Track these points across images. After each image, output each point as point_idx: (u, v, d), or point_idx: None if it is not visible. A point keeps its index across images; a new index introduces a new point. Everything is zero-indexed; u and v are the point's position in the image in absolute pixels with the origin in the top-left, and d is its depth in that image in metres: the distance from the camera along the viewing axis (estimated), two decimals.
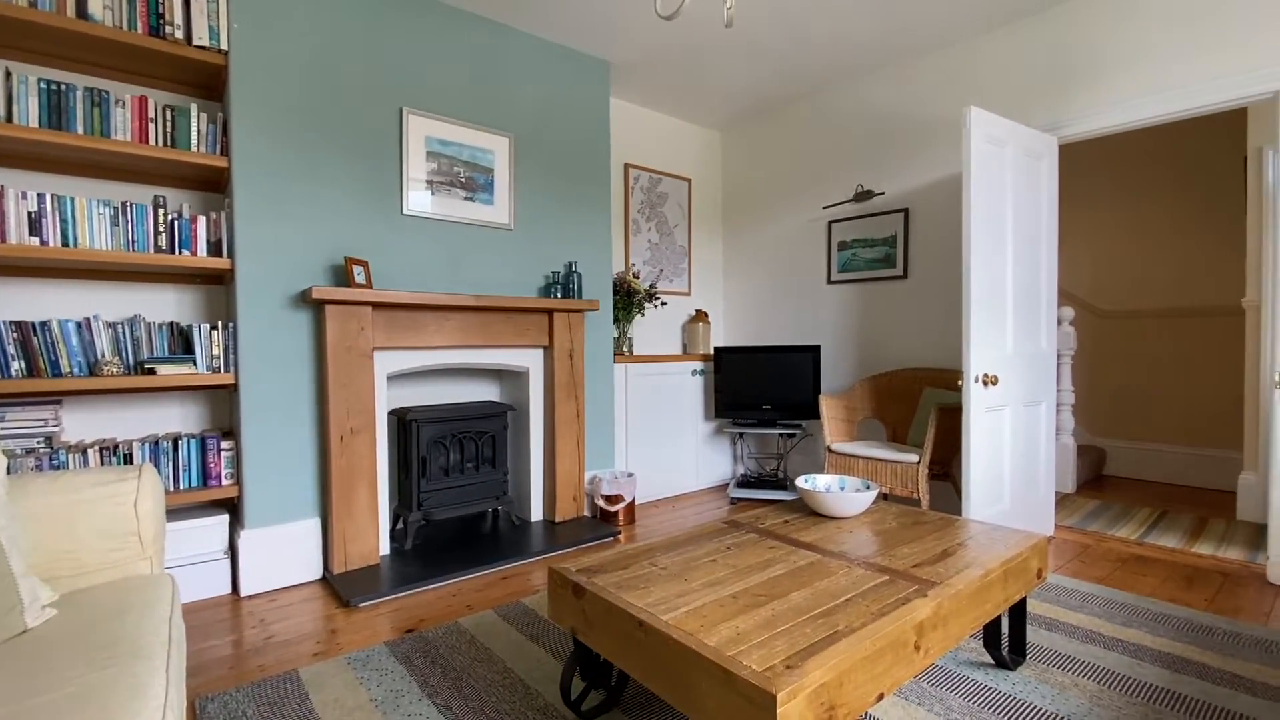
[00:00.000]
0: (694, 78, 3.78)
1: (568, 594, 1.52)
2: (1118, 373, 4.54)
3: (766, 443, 4.42)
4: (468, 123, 3.04)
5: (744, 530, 1.90)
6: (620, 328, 3.89)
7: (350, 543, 2.59)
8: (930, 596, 1.39)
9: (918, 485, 2.98)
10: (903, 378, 3.52)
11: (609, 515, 3.31)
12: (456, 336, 2.91)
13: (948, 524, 1.96)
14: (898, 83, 3.65)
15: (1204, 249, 4.18)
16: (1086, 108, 2.94)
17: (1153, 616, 2.17)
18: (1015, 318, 2.88)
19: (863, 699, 1.17)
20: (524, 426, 3.30)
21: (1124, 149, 4.50)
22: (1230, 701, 1.65)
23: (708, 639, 1.20)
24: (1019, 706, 1.64)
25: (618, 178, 4.08)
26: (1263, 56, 2.49)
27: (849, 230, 3.89)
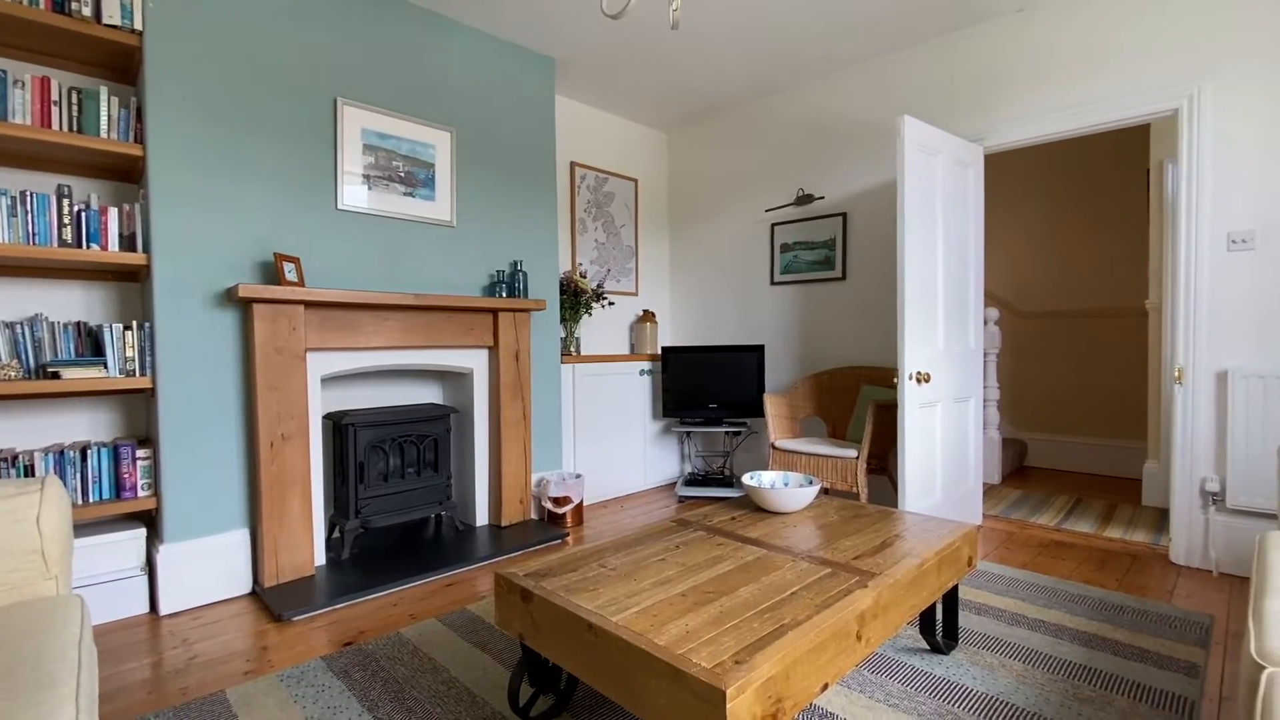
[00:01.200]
0: (640, 78, 3.80)
1: (515, 599, 1.50)
2: (1037, 370, 4.84)
3: (713, 441, 4.48)
4: (407, 116, 2.94)
5: (692, 528, 1.92)
6: (567, 328, 3.86)
7: (282, 554, 2.46)
8: (871, 587, 1.44)
9: (857, 479, 3.08)
10: (842, 376, 3.64)
11: (557, 517, 3.27)
12: (396, 337, 2.82)
13: (885, 516, 2.03)
14: (837, 90, 3.77)
15: (1113, 254, 4.50)
16: (1009, 120, 3.12)
17: (1070, 597, 2.31)
18: (946, 318, 3.02)
19: (808, 690, 1.20)
20: (468, 429, 3.22)
21: (1043, 159, 4.80)
22: (1140, 675, 1.78)
23: (658, 638, 1.20)
24: (952, 689, 1.72)
25: (564, 176, 4.05)
26: (1163, 77, 2.70)
27: (791, 233, 3.99)
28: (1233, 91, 2.55)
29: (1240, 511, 2.56)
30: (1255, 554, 1.61)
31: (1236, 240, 2.56)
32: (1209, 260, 2.63)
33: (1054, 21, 2.97)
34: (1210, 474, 2.64)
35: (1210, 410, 2.64)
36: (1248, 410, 2.51)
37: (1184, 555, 2.69)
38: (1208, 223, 2.62)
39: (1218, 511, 2.61)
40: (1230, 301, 2.58)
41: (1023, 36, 3.06)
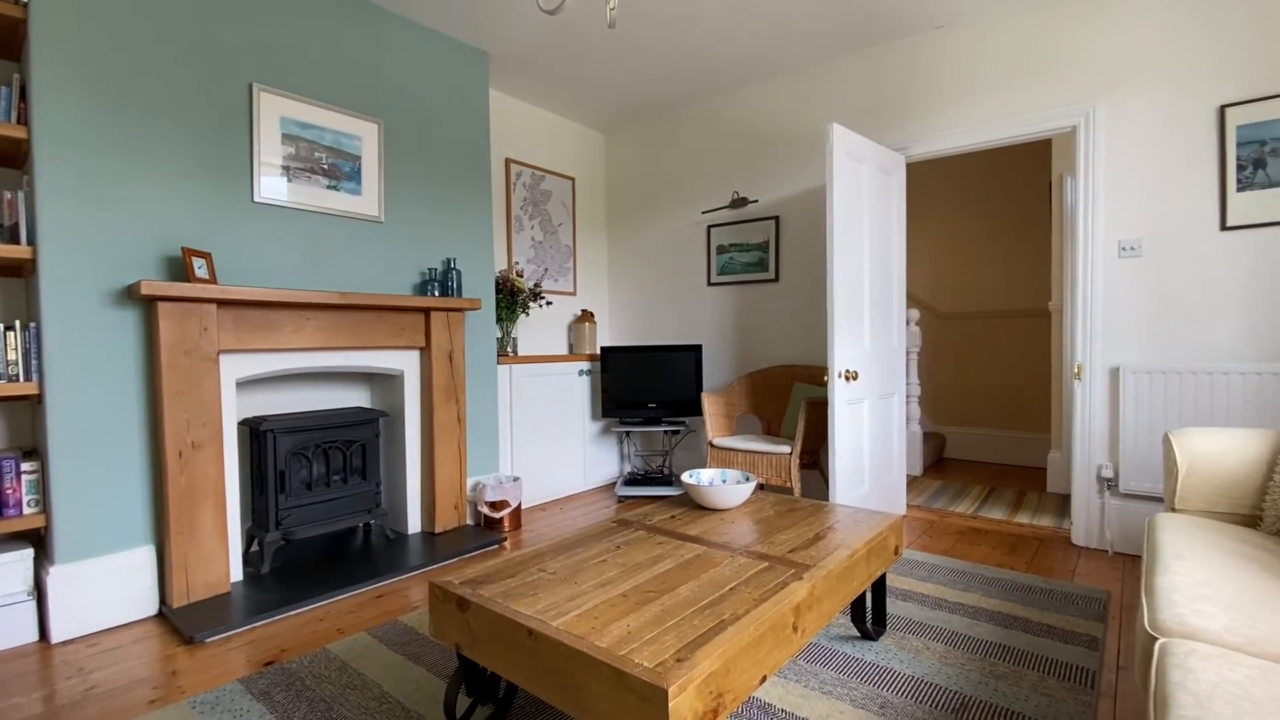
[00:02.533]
0: (578, 77, 3.77)
1: (451, 608, 1.45)
2: (954, 367, 5.14)
3: (652, 440, 4.50)
4: (331, 105, 2.80)
5: (633, 528, 1.92)
6: (504, 328, 3.78)
7: (194, 571, 2.29)
8: (806, 579, 1.48)
9: (790, 474, 3.17)
10: (776, 374, 3.74)
11: (494, 522, 3.20)
12: (319, 337, 2.68)
13: (818, 509, 2.10)
14: (770, 96, 3.87)
15: (1021, 259, 4.84)
16: (927, 131, 3.29)
17: (986, 581, 2.46)
18: (871, 318, 3.16)
19: (748, 683, 1.22)
20: (399, 433, 3.10)
21: (960, 169, 5.10)
22: (1047, 650, 1.92)
23: (599, 640, 1.19)
24: (882, 673, 1.79)
25: (499, 173, 3.97)
26: (1063, 97, 2.92)
27: (726, 235, 4.07)
28: (1122, 111, 2.79)
29: (1132, 495, 2.80)
30: (1145, 534, 1.76)
31: (1126, 248, 2.80)
32: (1103, 266, 2.86)
33: (969, 41, 3.16)
34: (1105, 462, 2.87)
35: (1105, 403, 2.87)
36: (1137, 403, 2.75)
37: (1083, 537, 2.92)
38: (1101, 231, 2.86)
39: (1112, 496, 2.85)
40: (1121, 303, 2.82)
41: (942, 53, 3.24)
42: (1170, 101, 2.68)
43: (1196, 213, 2.64)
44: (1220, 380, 2.56)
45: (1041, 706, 1.62)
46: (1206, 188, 2.62)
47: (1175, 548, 1.52)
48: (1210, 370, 2.58)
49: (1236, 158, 2.55)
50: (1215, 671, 0.99)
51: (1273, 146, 2.48)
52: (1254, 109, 2.51)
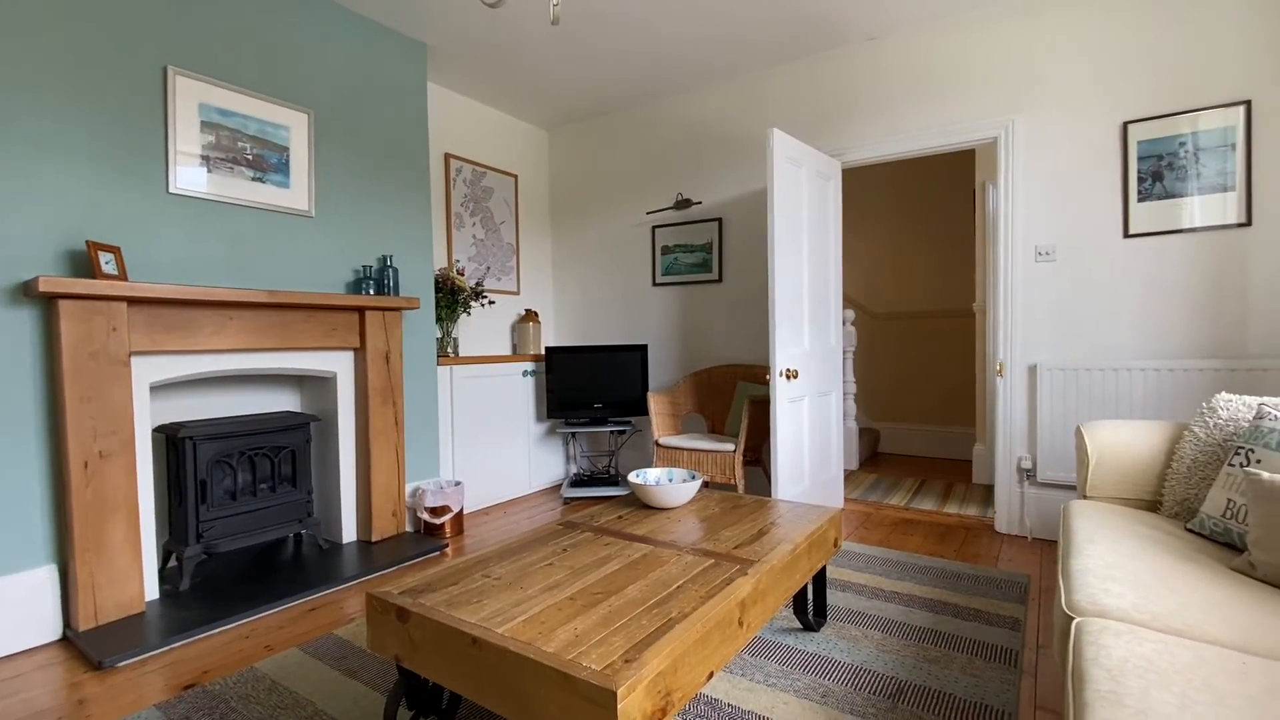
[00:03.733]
0: (521, 73, 3.71)
1: (390, 619, 1.39)
2: (887, 365, 5.36)
3: (599, 440, 4.48)
4: (256, 93, 2.65)
5: (580, 529, 1.90)
6: (444, 328, 3.68)
7: (103, 590, 2.12)
8: (751, 575, 1.51)
9: (735, 472, 3.23)
10: (720, 374, 3.80)
11: (434, 528, 3.11)
12: (244, 338, 2.53)
13: (761, 505, 2.14)
14: (714, 100, 3.92)
15: (949, 262, 5.09)
16: (862, 138, 3.41)
17: (919, 569, 2.58)
18: (811, 319, 3.25)
19: (696, 680, 1.23)
20: (331, 438, 2.97)
21: (893, 175, 5.32)
22: (975, 633, 2.02)
23: (546, 645, 1.17)
24: (823, 663, 1.85)
25: (438, 168, 3.85)
26: (986, 109, 3.09)
27: (671, 236, 4.10)
28: (1039, 125, 2.98)
29: (1048, 484, 2.99)
30: (1061, 521, 1.88)
31: (1042, 253, 2.99)
32: (1021, 269, 3.04)
33: (899, 53, 3.29)
34: (1025, 453, 3.06)
35: (1024, 399, 3.06)
36: (1052, 398, 2.94)
37: (1005, 524, 3.10)
38: (1020, 237, 3.04)
39: (1031, 486, 3.03)
40: (1038, 305, 3.01)
41: (875, 64, 3.37)
42: (1080, 117, 2.88)
43: (1103, 221, 2.85)
44: (1125, 376, 2.77)
45: (970, 687, 1.70)
46: (1112, 198, 2.83)
47: (1087, 532, 1.63)
48: (1116, 367, 2.79)
49: (1137, 171, 2.76)
50: (1125, 647, 1.07)
51: (1168, 161, 2.70)
52: (1152, 126, 2.72)
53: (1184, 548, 1.54)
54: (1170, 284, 2.72)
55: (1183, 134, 2.67)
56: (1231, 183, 2.59)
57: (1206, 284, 2.66)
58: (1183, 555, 1.48)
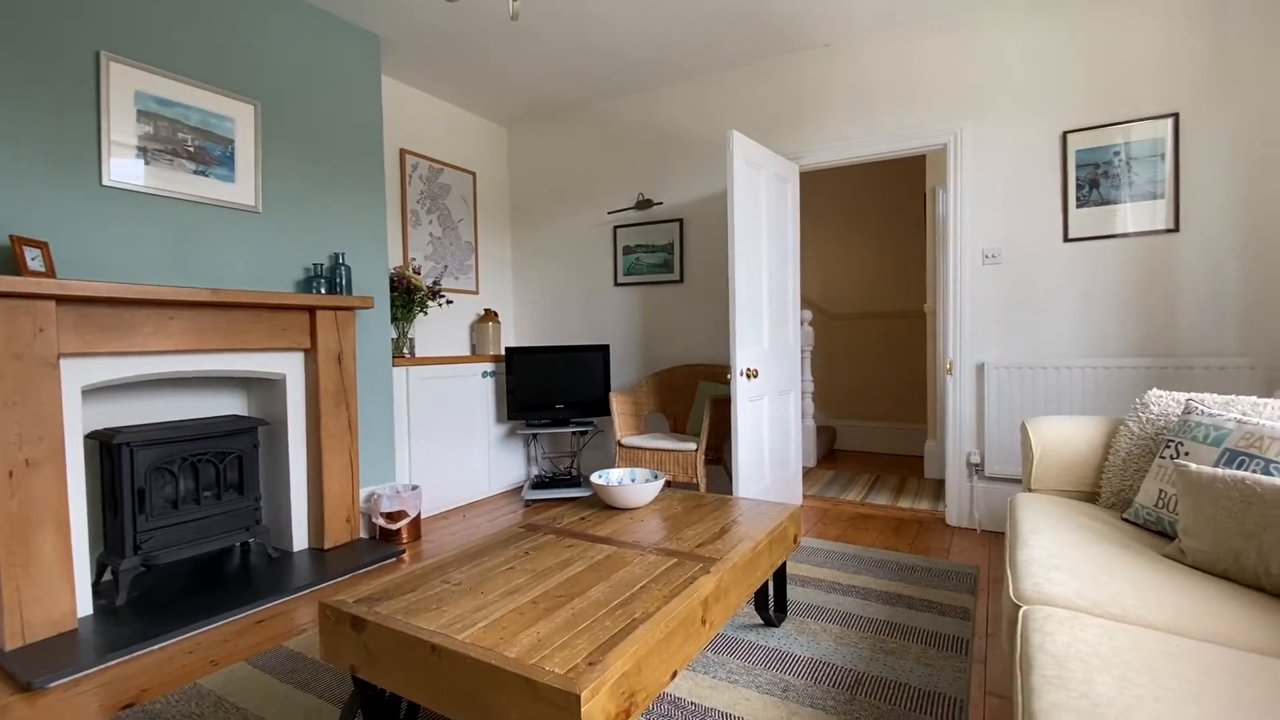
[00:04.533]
0: (478, 68, 3.65)
1: (345, 629, 1.35)
2: (843, 364, 5.49)
3: (560, 441, 4.45)
4: (198, 82, 2.53)
5: (542, 532, 1.88)
6: (400, 327, 3.59)
7: (30, 607, 1.99)
8: (713, 573, 1.52)
9: (697, 471, 3.25)
10: (682, 373, 3.82)
11: (391, 534, 3.03)
12: (185, 339, 2.41)
13: (723, 503, 2.16)
14: (675, 100, 3.94)
15: (902, 264, 5.25)
16: (818, 142, 3.48)
17: (874, 563, 2.64)
18: (770, 319, 3.29)
19: (659, 680, 1.23)
20: (280, 443, 2.86)
21: (849, 178, 5.44)
22: (928, 623, 2.09)
23: (508, 651, 1.15)
24: (784, 658, 1.87)
25: (393, 164, 3.76)
26: (936, 116, 3.19)
27: (632, 236, 4.10)
28: (985, 133, 3.09)
29: (996, 478, 3.11)
30: (1008, 513, 1.96)
31: (988, 256, 3.11)
32: (969, 272, 3.16)
33: (853, 60, 3.37)
34: (974, 449, 3.17)
35: (973, 396, 3.17)
36: (999, 395, 3.06)
37: (956, 518, 3.21)
38: (968, 240, 3.15)
39: (979, 480, 3.15)
40: (985, 306, 3.13)
41: (830, 70, 3.44)
42: (1023, 126, 3.01)
43: (1045, 226, 2.98)
44: (1065, 374, 2.90)
45: (924, 676, 1.76)
46: (1053, 204, 2.96)
47: (1032, 524, 1.70)
48: (1058, 365, 2.92)
49: (1076, 178, 2.90)
50: (1069, 633, 1.11)
51: (1104, 169, 2.84)
52: (1089, 135, 2.86)
53: (1121, 537, 1.62)
54: (1106, 286, 2.87)
55: (1117, 144, 2.81)
56: (1161, 191, 2.74)
57: (1139, 286, 2.81)
58: (1119, 544, 1.56)
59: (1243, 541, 1.33)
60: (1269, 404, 1.72)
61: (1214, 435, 1.61)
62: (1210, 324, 2.69)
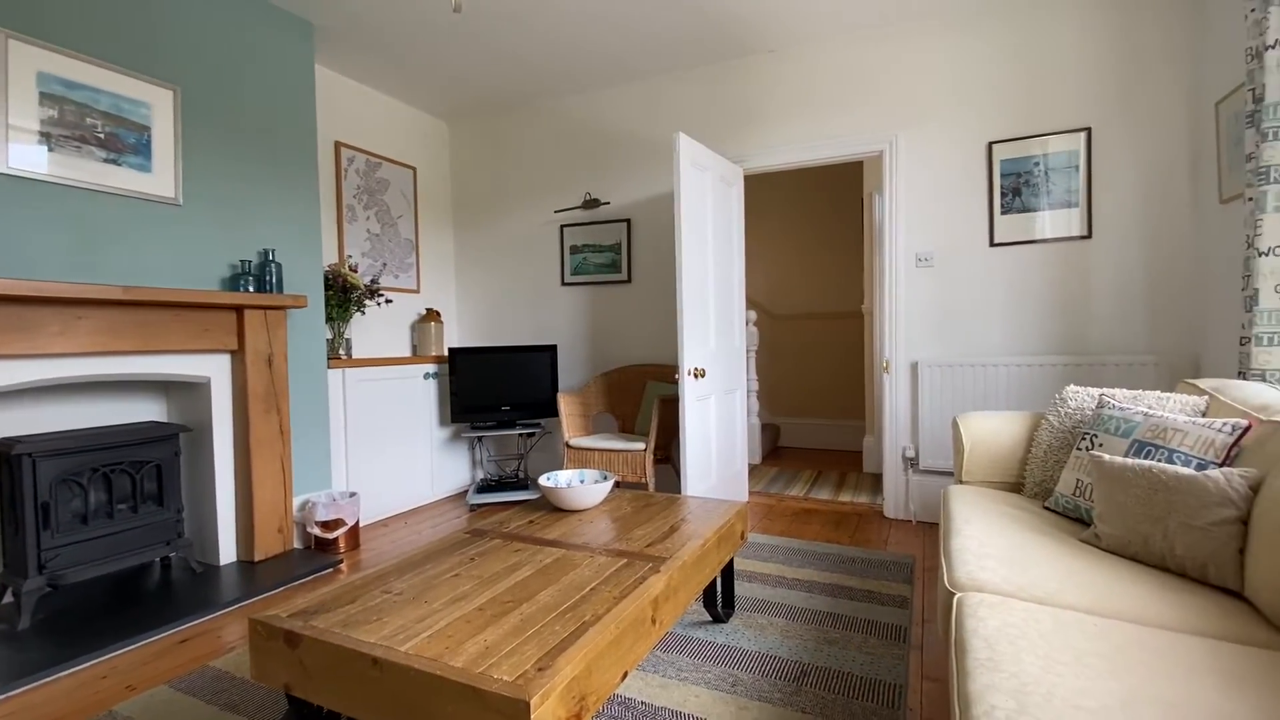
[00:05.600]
0: (419, 60, 3.54)
1: (278, 645, 1.28)
2: (787, 363, 5.62)
3: (506, 444, 4.37)
4: (110, 64, 2.35)
5: (488, 537, 1.84)
6: (335, 328, 3.44)
7: None
8: (663, 572, 1.52)
9: (645, 470, 3.26)
10: (630, 373, 3.82)
11: (327, 544, 2.90)
12: (96, 340, 2.24)
13: (672, 503, 2.17)
14: (622, 100, 3.93)
15: (842, 266, 5.42)
16: (761, 147, 3.56)
17: (818, 556, 2.72)
18: (716, 319, 3.34)
19: (610, 682, 1.22)
20: (205, 450, 2.69)
21: (792, 182, 5.58)
22: (869, 613, 2.16)
23: (454, 660, 1.12)
24: (732, 653, 1.90)
25: (327, 157, 3.60)
26: (873, 124, 3.31)
27: (580, 235, 4.07)
28: (918, 141, 3.23)
29: (930, 471, 3.25)
30: (941, 504, 2.05)
31: (921, 259, 3.25)
32: (904, 274, 3.29)
33: (796, 67, 3.46)
34: (909, 443, 3.31)
35: (908, 393, 3.31)
36: (932, 392, 3.20)
37: (893, 510, 3.34)
38: (902, 244, 3.28)
39: (915, 473, 3.29)
40: (919, 307, 3.27)
41: (774, 76, 3.52)
42: (953, 135, 3.16)
43: (973, 231, 3.14)
44: (992, 371, 3.07)
45: (866, 664, 1.82)
46: (980, 210, 3.12)
47: (964, 514, 1.78)
48: (985, 363, 3.08)
49: (1000, 186, 3.07)
50: (999, 617, 1.17)
51: (1025, 178, 3.02)
52: (1012, 146, 3.03)
53: (1043, 524, 1.72)
54: (1028, 288, 3.05)
55: (1036, 155, 2.99)
56: (1076, 199, 2.94)
57: (1056, 288, 3.00)
58: (1042, 531, 1.65)
59: (1150, 526, 1.43)
60: (1171, 398, 1.87)
61: (1124, 427, 1.73)
62: (1119, 324, 2.90)
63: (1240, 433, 1.51)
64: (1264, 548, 1.23)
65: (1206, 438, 1.54)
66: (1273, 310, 1.95)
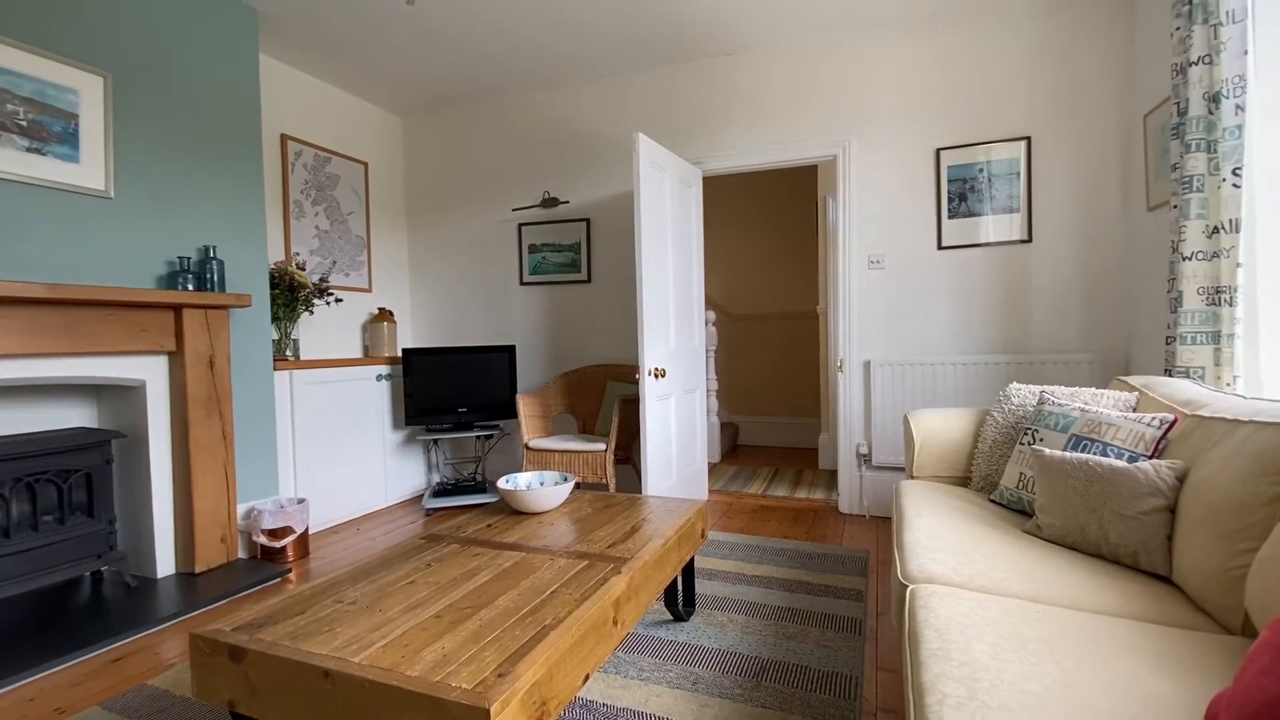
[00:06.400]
0: (371, 53, 3.44)
1: (222, 660, 1.22)
2: (745, 362, 5.70)
3: (463, 446, 4.29)
4: (31, 47, 2.20)
5: (445, 542, 1.80)
6: (282, 328, 3.31)
7: None
8: (624, 573, 1.52)
9: (606, 471, 3.25)
10: (590, 374, 3.80)
11: (275, 553, 2.79)
12: (15, 341, 2.09)
13: (633, 503, 2.17)
14: (581, 99, 3.91)
15: (798, 267, 5.53)
16: (720, 149, 3.59)
17: (776, 552, 2.76)
18: (676, 319, 3.36)
19: (572, 685, 1.21)
20: (140, 458, 2.55)
21: (751, 184, 5.66)
22: (826, 606, 2.21)
23: (411, 670, 1.08)
24: (694, 651, 1.91)
25: (273, 150, 3.46)
26: (827, 129, 3.38)
27: (538, 234, 4.03)
28: (870, 146, 3.32)
29: (882, 467, 3.35)
30: (894, 499, 2.10)
31: (873, 261, 3.34)
32: (857, 276, 3.38)
33: (753, 71, 3.51)
34: (862, 440, 3.40)
35: (861, 391, 3.39)
36: (884, 390, 3.30)
37: (848, 505, 3.42)
38: (855, 246, 3.37)
39: (868, 469, 3.38)
40: (871, 307, 3.36)
41: (732, 79, 3.56)
42: (903, 141, 3.26)
43: (922, 234, 3.25)
44: (941, 370, 3.17)
45: (823, 657, 1.85)
46: (928, 214, 3.23)
47: (915, 508, 1.84)
48: (934, 362, 3.19)
49: (947, 191, 3.18)
50: (949, 607, 1.21)
51: (970, 184, 3.14)
52: (958, 153, 3.15)
53: (989, 516, 1.79)
54: (973, 290, 3.17)
55: (981, 162, 3.11)
56: (1017, 205, 3.07)
57: (1000, 290, 3.13)
58: (988, 523, 1.72)
59: (1087, 516, 1.51)
60: (1105, 394, 1.97)
61: (1063, 423, 1.82)
62: (1057, 324, 3.05)
63: (1167, 426, 1.61)
64: (1189, 535, 1.31)
65: (1137, 432, 1.63)
66: (1196, 311, 2.08)
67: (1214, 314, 2.04)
